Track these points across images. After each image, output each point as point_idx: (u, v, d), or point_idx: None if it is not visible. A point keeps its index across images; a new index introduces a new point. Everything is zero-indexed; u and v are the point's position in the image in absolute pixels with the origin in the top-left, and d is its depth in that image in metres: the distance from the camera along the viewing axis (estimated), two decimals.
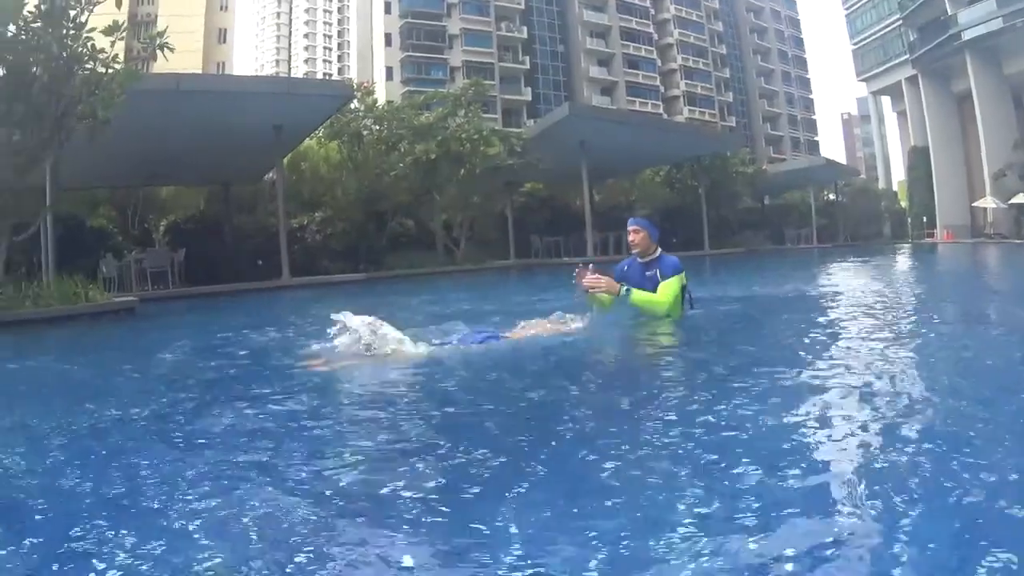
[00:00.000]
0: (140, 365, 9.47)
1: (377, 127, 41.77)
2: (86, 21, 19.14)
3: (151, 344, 12.28)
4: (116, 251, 32.64)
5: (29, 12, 18.68)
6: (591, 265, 9.58)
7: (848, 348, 7.80)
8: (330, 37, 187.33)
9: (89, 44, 19.25)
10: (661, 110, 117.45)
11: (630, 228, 9.70)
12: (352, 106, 39.11)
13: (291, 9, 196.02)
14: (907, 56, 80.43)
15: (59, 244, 24.75)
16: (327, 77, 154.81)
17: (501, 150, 41.29)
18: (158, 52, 20.10)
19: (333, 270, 35.39)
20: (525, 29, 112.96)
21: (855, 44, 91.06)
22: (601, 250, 43.48)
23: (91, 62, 19.51)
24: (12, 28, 18.85)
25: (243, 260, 34.63)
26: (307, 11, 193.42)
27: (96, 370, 9.74)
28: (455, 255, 41.12)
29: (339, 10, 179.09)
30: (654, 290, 9.36)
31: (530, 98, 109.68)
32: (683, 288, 9.58)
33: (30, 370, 9.95)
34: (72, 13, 18.86)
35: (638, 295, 9.32)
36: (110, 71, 19.67)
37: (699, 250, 49.42)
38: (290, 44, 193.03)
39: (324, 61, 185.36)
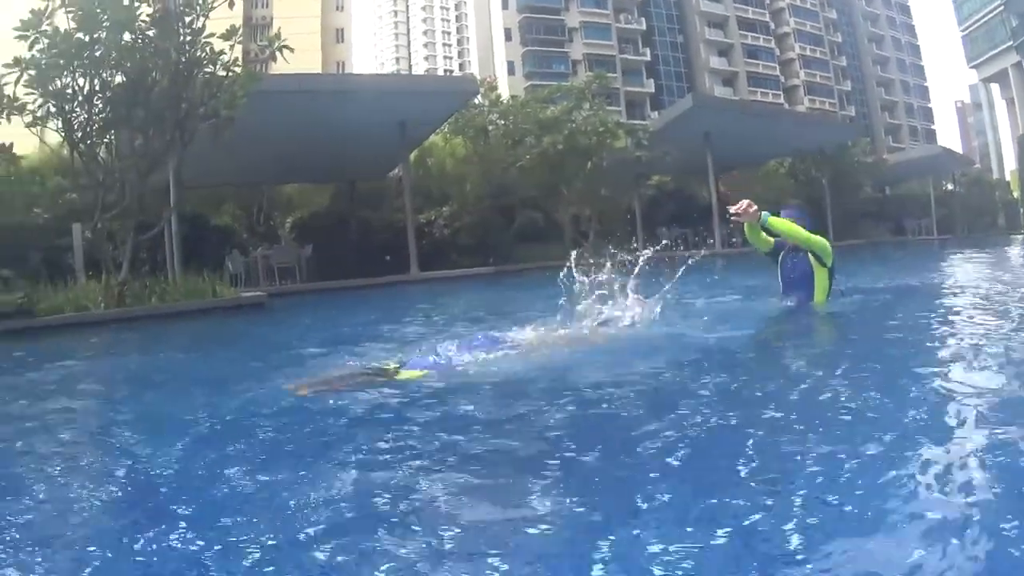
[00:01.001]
0: (279, 357, 9.50)
1: (502, 121, 41.32)
2: (203, 26, 19.72)
3: (285, 337, 12.48)
4: (242, 248, 33.05)
5: (143, 21, 19.26)
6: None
7: None
8: (448, 33, 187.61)
9: (208, 48, 19.84)
10: (782, 100, 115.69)
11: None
12: (476, 101, 38.90)
13: (408, 7, 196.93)
14: (1011, 42, 77.93)
15: (183, 242, 26.38)
16: (448, 73, 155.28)
17: (628, 143, 40.70)
18: (277, 54, 20.60)
19: (462, 264, 34.76)
20: (643, 20, 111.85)
21: (963, 30, 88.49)
22: (729, 242, 42.36)
23: (211, 65, 20.17)
24: (128, 36, 19.36)
25: (370, 255, 34.10)
26: (424, 8, 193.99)
27: (239, 361, 9.97)
28: (583, 248, 39.53)
29: (456, 6, 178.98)
30: (804, 280, 9.55)
31: (653, 90, 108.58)
32: (831, 270, 9.63)
33: (193, 361, 10.37)
34: (188, 19, 19.47)
35: (776, 219, 9.32)
36: (231, 74, 20.27)
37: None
38: (409, 41, 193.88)
39: (444, 58, 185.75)
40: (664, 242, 11.56)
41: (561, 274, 8.52)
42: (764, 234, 9.62)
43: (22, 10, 20.19)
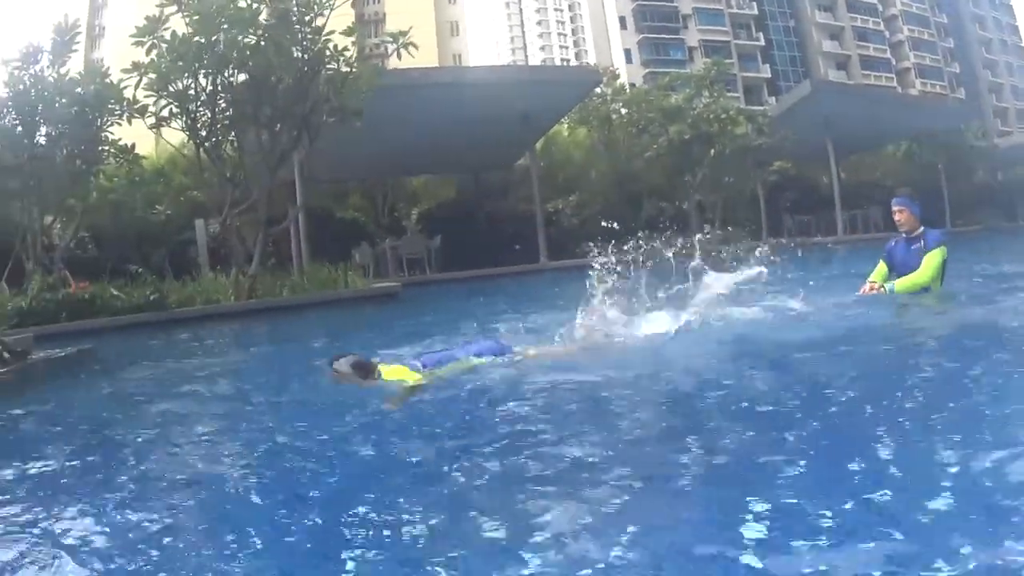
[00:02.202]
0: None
1: (625, 110, 41.19)
2: (323, 25, 20.13)
3: (419, 323, 12.76)
4: (369, 240, 33.25)
5: (263, 21, 19.85)
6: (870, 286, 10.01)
7: None
8: (563, 23, 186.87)
9: (331, 46, 20.23)
10: (895, 83, 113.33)
11: (895, 208, 10.03)
12: (598, 91, 38.45)
13: None
14: None
15: (310, 235, 25.63)
16: (565, 63, 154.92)
17: (748, 130, 39.82)
18: (401, 51, 20.62)
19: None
20: (755, 5, 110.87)
21: None
22: (850, 228, 42.00)
23: (333, 62, 20.50)
24: (251, 37, 19.84)
25: (498, 245, 34.37)
26: None
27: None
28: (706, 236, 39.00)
29: None
30: (919, 264, 9.65)
31: (769, 75, 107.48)
32: (944, 262, 9.74)
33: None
34: (307, 18, 19.87)
35: (900, 284, 9.74)
36: (354, 71, 20.60)
37: (939, 227, 45.87)
38: (523, 32, 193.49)
39: (560, 47, 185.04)
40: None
41: (693, 262, 8.77)
42: (910, 283, 9.78)
43: (136, 17, 20.60)
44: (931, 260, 9.59)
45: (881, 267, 10.18)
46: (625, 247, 8.64)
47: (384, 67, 22.17)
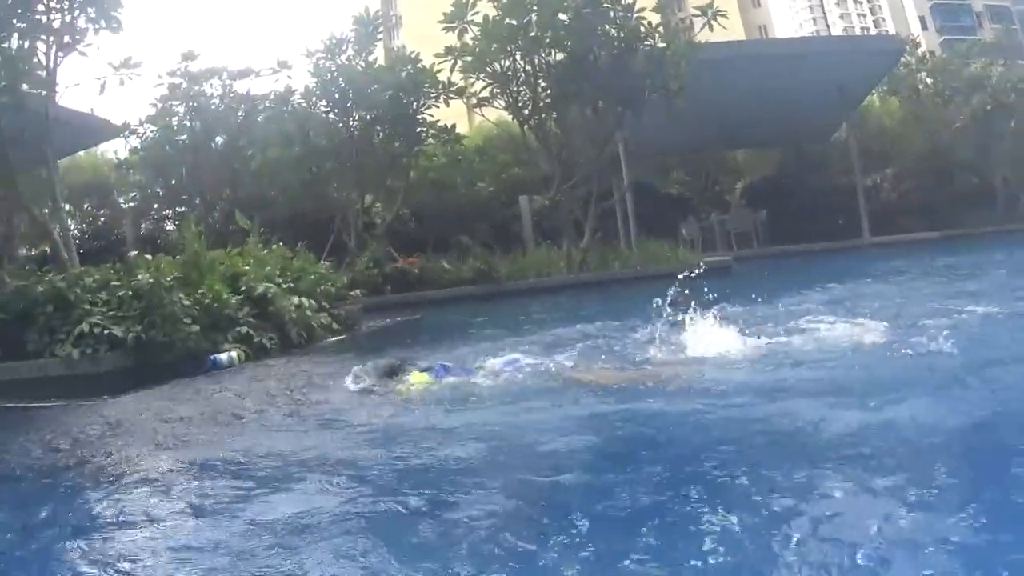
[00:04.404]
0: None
1: (930, 80, 39.21)
2: (634, 2, 20.61)
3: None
4: (695, 215, 33.59)
5: (575, 1, 20.38)
6: None
7: None
8: None
9: (644, 22, 20.73)
10: None
11: None
12: (902, 60, 36.82)
13: None
14: None
15: (636, 209, 26.31)
16: (865, 32, 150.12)
17: None
18: (711, 23, 21.26)
19: (906, 228, 32.95)
20: None
21: None
22: None
23: (648, 39, 20.97)
24: (565, 16, 20.58)
25: (820, 219, 33.42)
26: None
27: None
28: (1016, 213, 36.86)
29: None
30: None
31: None
32: None
33: None
34: None
35: None
36: (672, 45, 20.97)
37: None
38: (822, 1, 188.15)
39: (858, 15, 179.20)
40: None
41: None
42: None
43: (433, 5, 21.32)
44: None
45: None
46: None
47: (697, 41, 21.90)
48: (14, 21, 13.10)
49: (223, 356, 10.16)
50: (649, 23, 20.86)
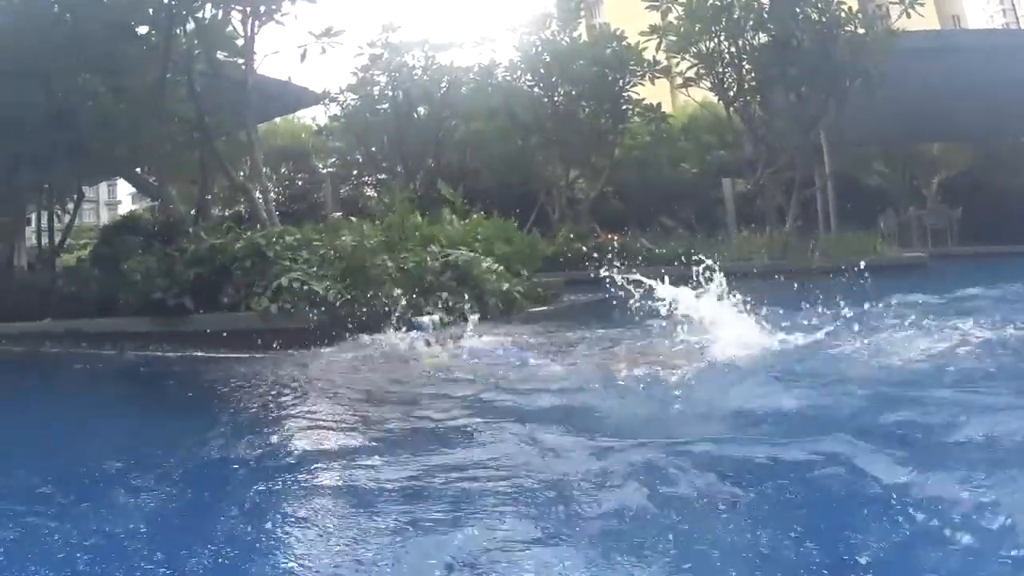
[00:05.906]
0: None
1: None
2: None
3: None
4: (894, 208, 32.59)
5: None
6: None
7: None
8: None
9: (844, 7, 20.46)
10: None
11: None
12: None
13: None
14: None
15: (836, 200, 26.17)
16: None
17: None
18: (909, 11, 21.02)
19: None
20: None
21: None
22: None
23: (849, 24, 20.63)
24: None
25: (1014, 220, 31.66)
26: None
27: None
28: None
29: None
30: None
31: None
32: None
33: None
34: None
35: None
36: (871, 32, 20.64)
37: None
38: None
39: None
40: None
41: None
42: None
43: None
44: None
45: None
46: None
47: (895, 29, 21.29)
48: None
49: (425, 319, 10.36)
50: (849, 8, 20.49)
